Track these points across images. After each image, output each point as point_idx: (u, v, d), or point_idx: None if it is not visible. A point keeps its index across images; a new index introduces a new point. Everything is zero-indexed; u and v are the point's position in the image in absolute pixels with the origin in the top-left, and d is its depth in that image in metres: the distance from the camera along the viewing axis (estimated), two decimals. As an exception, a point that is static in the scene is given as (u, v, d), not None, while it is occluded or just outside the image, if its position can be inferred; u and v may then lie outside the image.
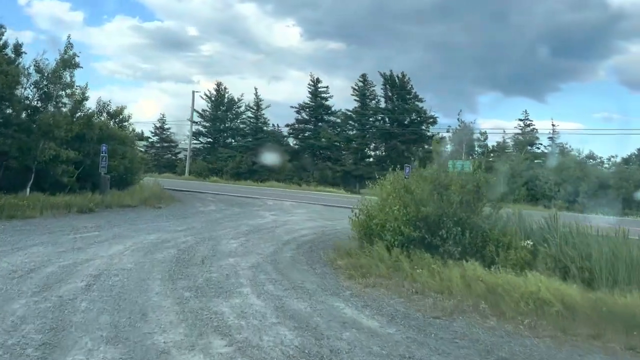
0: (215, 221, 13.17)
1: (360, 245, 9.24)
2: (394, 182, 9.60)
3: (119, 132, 17.59)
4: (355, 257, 8.56)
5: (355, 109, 44.13)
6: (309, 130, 47.64)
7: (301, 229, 12.66)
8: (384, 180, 10.22)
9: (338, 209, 18.69)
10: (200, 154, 51.64)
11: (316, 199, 22.58)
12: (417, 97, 42.76)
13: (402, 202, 8.60)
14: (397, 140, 41.63)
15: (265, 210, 16.61)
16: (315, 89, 47.49)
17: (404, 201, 8.56)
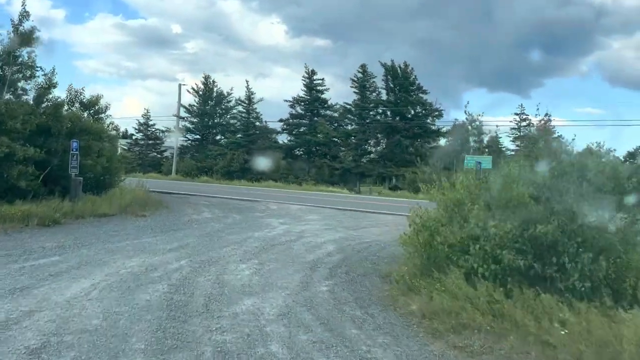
0: (214, 234, 10.62)
1: (421, 272, 6.78)
2: (468, 185, 7.12)
3: (94, 126, 14.90)
4: (424, 293, 6.09)
5: (355, 102, 41.67)
6: (304, 126, 45.13)
7: (323, 243, 10.17)
8: (449, 181, 7.73)
9: (353, 213, 16.27)
10: (187, 152, 48.86)
11: (323, 201, 20.09)
12: (421, 88, 40.45)
13: (489, 213, 6.15)
14: (400, 135, 39.26)
15: (271, 217, 14.08)
16: (310, 81, 44.99)
17: (494, 213, 6.10)
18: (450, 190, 7.30)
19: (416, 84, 40.52)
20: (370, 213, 16.42)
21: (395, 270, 7.35)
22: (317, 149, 43.96)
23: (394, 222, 14.17)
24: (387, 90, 41.14)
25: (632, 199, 5.95)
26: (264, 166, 37.00)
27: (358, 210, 17.08)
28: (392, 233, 11.98)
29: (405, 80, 40.16)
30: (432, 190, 8.01)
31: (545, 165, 6.90)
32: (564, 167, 6.36)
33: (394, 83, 40.62)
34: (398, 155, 38.53)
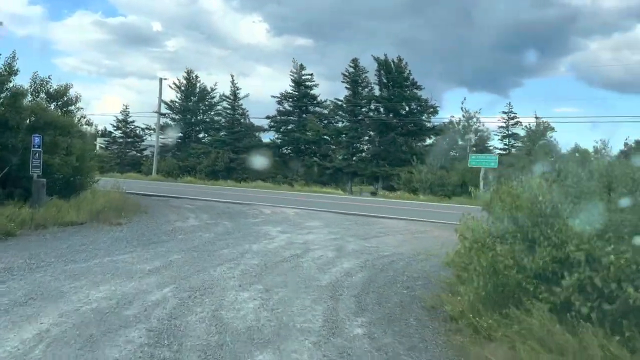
0: (204, 248, 8.90)
1: (484, 305, 5.19)
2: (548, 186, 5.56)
3: (61, 119, 13.05)
4: (500, 339, 4.49)
5: (346, 98, 40.08)
6: (292, 123, 43.45)
7: (336, 258, 8.54)
8: (518, 181, 6.17)
9: (358, 218, 14.66)
10: (169, 151, 46.80)
11: (320, 204, 18.45)
12: (416, 84, 39.01)
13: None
14: (395, 132, 37.79)
15: (267, 224, 12.39)
16: (298, 76, 43.34)
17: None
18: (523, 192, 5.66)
19: (410, 79, 39.09)
20: (376, 218, 14.83)
21: (442, 299, 5.76)
22: (307, 147, 42.32)
23: (406, 230, 12.65)
24: (380, 85, 39.65)
25: None
26: (260, 165, 35.42)
27: (362, 214, 15.48)
28: (410, 243, 10.43)
29: (399, 75, 38.70)
30: (487, 193, 6.41)
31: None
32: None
33: (387, 78, 39.13)
34: (392, 154, 37.06)
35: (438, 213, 17.33)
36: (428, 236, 11.75)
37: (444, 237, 11.72)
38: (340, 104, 40.61)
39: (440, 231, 12.61)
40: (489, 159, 26.64)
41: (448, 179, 31.69)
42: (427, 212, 17.31)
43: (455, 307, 5.34)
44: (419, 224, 13.87)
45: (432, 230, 12.68)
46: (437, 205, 22.11)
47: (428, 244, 10.53)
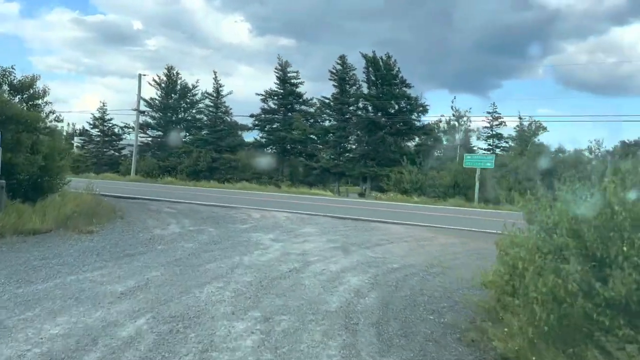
0: (187, 261, 7.74)
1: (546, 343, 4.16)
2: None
3: (24, 113, 11.71)
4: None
5: (334, 95, 39.04)
6: (277, 121, 42.27)
7: (341, 272, 7.46)
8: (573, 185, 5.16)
9: (355, 222, 13.61)
10: (149, 150, 45.26)
11: (312, 207, 17.37)
12: (405, 82, 38.15)
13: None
14: (384, 131, 36.87)
15: (258, 231, 11.25)
16: (283, 73, 42.15)
17: None
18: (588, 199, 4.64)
19: (399, 77, 38.23)
20: (373, 223, 13.78)
21: (484, 330, 4.72)
22: (292, 146, 41.21)
23: (409, 236, 11.63)
24: (369, 83, 38.71)
25: None
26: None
27: (358, 219, 14.42)
28: (418, 253, 9.42)
29: (387, 72, 37.80)
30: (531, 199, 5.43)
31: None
32: None
33: (375, 76, 38.20)
34: (381, 154, 36.14)
35: (437, 217, 16.37)
36: (434, 244, 10.74)
37: (452, 245, 10.75)
38: (328, 102, 39.59)
39: (445, 238, 11.63)
40: (485, 159, 25.85)
41: (439, 179, 30.88)
42: (425, 216, 16.34)
43: (507, 343, 4.30)
44: (421, 230, 12.86)
45: (436, 237, 11.67)
46: (433, 208, 21.16)
47: (437, 253, 9.54)
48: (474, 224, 14.45)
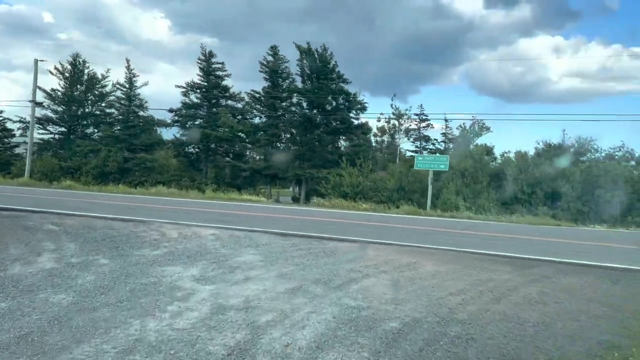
0: (41, 340, 4.36)
1: None
2: None
3: None
4: None
5: (265, 90, 35.78)
6: (201, 117, 38.35)
7: (315, 349, 4.46)
8: None
9: (306, 242, 10.57)
10: (49, 148, 39.67)
11: (246, 219, 14.18)
12: (342, 77, 35.65)
13: None
14: (320, 130, 34.16)
15: (175, 263, 7.92)
16: (207, 64, 38.34)
17: None
18: None
19: (336, 72, 35.69)
20: (330, 241, 10.81)
21: None
22: (218, 145, 37.50)
23: (385, 262, 8.85)
24: (303, 77, 35.86)
25: None
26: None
27: (309, 235, 11.38)
28: (412, 294, 6.64)
29: (324, 66, 35.14)
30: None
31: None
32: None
33: (310, 69, 35.41)
34: (317, 154, 33.38)
35: (400, 231, 13.74)
36: (424, 275, 7.97)
37: (448, 276, 8.04)
38: (258, 97, 36.24)
39: (432, 263, 8.90)
40: (439, 160, 23.77)
41: (383, 183, 28.61)
42: (386, 230, 13.67)
43: None
44: (393, 251, 10.07)
45: (420, 263, 8.92)
46: (387, 217, 18.60)
47: (438, 293, 6.80)
48: (451, 240, 11.91)
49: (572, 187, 26.04)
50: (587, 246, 12.54)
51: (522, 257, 9.82)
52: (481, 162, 28.86)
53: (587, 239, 14.31)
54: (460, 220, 18.06)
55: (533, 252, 10.57)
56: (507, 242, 12.30)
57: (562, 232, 15.69)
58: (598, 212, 24.93)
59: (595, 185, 26.10)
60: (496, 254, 10.07)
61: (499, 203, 26.24)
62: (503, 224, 18.06)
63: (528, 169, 28.13)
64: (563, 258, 9.88)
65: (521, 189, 26.91)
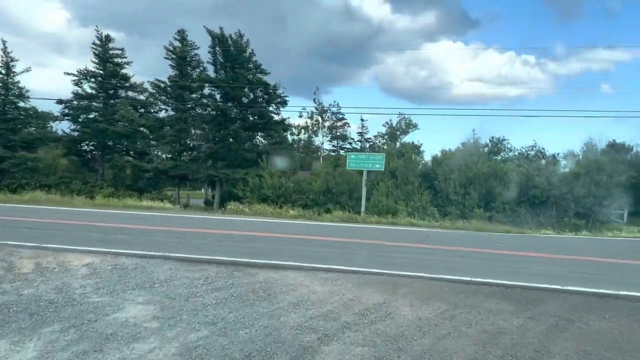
0: None
1: None
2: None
3: None
4: None
5: (172, 79, 31.88)
6: (96, 110, 33.59)
7: None
8: None
9: (226, 273, 7.65)
10: None
11: (141, 237, 10.94)
12: (260, 67, 32.61)
13: None
14: (236, 125, 30.93)
15: (10, 328, 4.69)
16: (104, 50, 33.70)
17: None
18: None
19: (254, 61, 32.59)
20: (260, 270, 7.95)
21: None
22: (116, 142, 33.03)
23: (343, 306, 6.23)
24: (216, 66, 32.34)
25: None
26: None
27: (228, 261, 8.43)
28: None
29: (239, 54, 31.90)
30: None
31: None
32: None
33: (225, 57, 32.01)
34: (234, 152, 30.11)
35: (345, 247, 11.15)
36: (404, 326, 5.43)
37: (436, 328, 5.51)
38: (164, 87, 32.23)
39: (408, 304, 6.39)
40: (374, 159, 21.53)
41: (308, 185, 26.02)
42: (327, 246, 11.03)
43: None
44: (349, 283, 7.43)
45: (392, 304, 6.35)
46: (323, 227, 15.98)
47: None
48: (410, 258, 9.47)
49: (506, 187, 25.02)
50: (572, 263, 10.67)
51: (517, 286, 7.55)
52: (411, 161, 27.19)
53: (558, 250, 12.58)
54: (405, 229, 15.87)
55: (522, 275, 8.38)
56: (479, 260, 10.10)
57: (525, 242, 13.94)
58: (534, 214, 24.05)
59: (531, 185, 25.29)
60: (482, 281, 7.74)
61: (432, 205, 24.63)
62: (454, 231, 16.12)
63: (460, 168, 26.81)
64: (564, 283, 7.75)
65: (454, 189, 25.51)
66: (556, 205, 24.22)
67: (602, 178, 25.33)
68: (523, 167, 26.57)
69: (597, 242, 15.67)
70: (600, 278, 8.64)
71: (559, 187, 24.37)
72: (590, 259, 11.11)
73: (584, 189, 25.35)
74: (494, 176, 25.91)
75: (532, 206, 24.72)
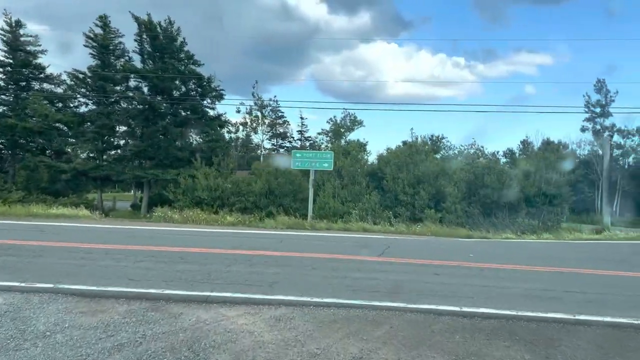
0: None
1: None
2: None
3: None
4: None
5: (92, 69, 28.73)
6: (5, 104, 29.87)
7: None
8: None
9: (141, 317, 5.58)
10: None
11: (34, 256, 8.62)
12: (192, 57, 30.12)
13: None
14: (166, 120, 28.30)
15: None
16: (13, 36, 30.02)
17: None
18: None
19: (185, 51, 30.05)
20: (183, 306, 5.96)
21: None
22: (29, 140, 29.45)
23: None
24: (143, 56, 29.51)
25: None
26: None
27: (141, 295, 6.36)
28: None
29: (170, 43, 29.26)
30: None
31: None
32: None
33: (153, 46, 29.26)
34: (164, 151, 27.47)
35: (298, 265, 9.32)
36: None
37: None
38: (83, 78, 29.01)
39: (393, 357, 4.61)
40: (322, 157, 19.74)
41: (247, 186, 23.92)
42: (276, 263, 9.15)
43: None
44: (305, 322, 5.61)
45: (372, 357, 4.58)
46: (266, 235, 14.03)
47: None
48: (374, 278, 7.74)
49: (456, 186, 24.01)
50: (561, 277, 9.33)
51: (521, 317, 5.99)
52: (358, 159, 25.68)
53: (537, 260, 11.32)
54: (360, 237, 14.20)
55: (516, 298, 6.86)
56: (457, 278, 8.53)
57: (494, 250, 12.65)
58: (485, 214, 23.17)
59: (480, 184, 24.41)
60: (476, 312, 6.12)
61: (382, 206, 23.23)
62: (413, 238, 14.64)
63: (408, 166, 25.56)
64: (571, 310, 6.26)
65: (403, 189, 24.22)
66: (508, 205, 23.45)
67: (552, 176, 24.89)
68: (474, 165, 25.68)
69: (566, 247, 14.70)
70: (607, 299, 7.27)
71: (510, 185, 23.62)
72: (577, 270, 9.83)
73: (534, 187, 24.82)
74: (443, 175, 24.88)
75: (484, 206, 23.84)
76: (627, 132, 50.45)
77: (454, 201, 23.59)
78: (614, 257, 12.92)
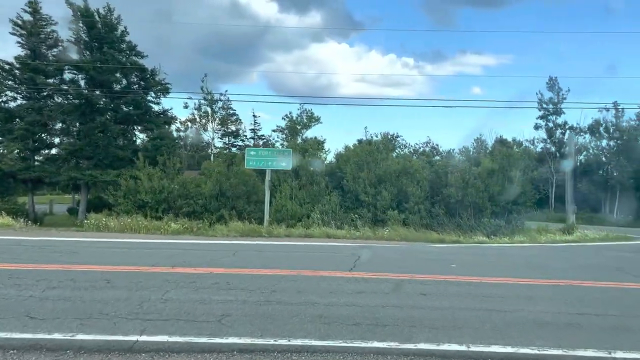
0: None
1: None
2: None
3: None
4: None
5: (21, 60, 26.01)
6: None
7: None
8: None
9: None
10: None
11: None
12: (135, 48, 27.85)
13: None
14: (106, 117, 25.93)
15: None
16: None
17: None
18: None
19: (127, 41, 27.74)
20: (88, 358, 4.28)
21: None
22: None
23: None
24: (80, 46, 27.00)
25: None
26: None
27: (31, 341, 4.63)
28: None
29: (109, 32, 26.88)
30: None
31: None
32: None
33: (90, 36, 26.80)
34: (103, 150, 25.12)
35: (248, 286, 7.74)
36: None
37: None
38: (10, 69, 26.23)
39: None
40: (279, 156, 18.09)
41: (196, 187, 22.00)
42: (227, 286, 7.54)
43: None
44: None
45: None
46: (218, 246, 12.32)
47: None
48: (357, 305, 6.26)
49: (419, 185, 22.94)
50: (566, 293, 8.16)
51: (542, 357, 4.64)
52: (316, 158, 24.21)
53: (528, 271, 10.14)
54: (324, 244, 12.73)
55: (527, 328, 5.52)
56: (448, 298, 7.16)
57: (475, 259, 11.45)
58: (450, 215, 22.19)
59: (443, 183, 23.42)
60: (484, 351, 4.73)
61: (342, 207, 21.88)
62: (383, 245, 13.32)
63: (369, 165, 24.29)
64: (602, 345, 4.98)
65: (364, 189, 22.94)
66: (472, 204, 22.55)
67: (516, 174, 24.20)
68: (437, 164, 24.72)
69: (546, 251, 13.79)
70: (632, 323, 6.06)
71: (474, 184, 22.72)
72: (575, 282, 8.68)
73: (498, 186, 24.06)
74: (405, 173, 23.75)
75: (448, 206, 22.86)
76: (579, 130, 51.35)
77: (417, 201, 22.47)
78: (607, 263, 12.04)
